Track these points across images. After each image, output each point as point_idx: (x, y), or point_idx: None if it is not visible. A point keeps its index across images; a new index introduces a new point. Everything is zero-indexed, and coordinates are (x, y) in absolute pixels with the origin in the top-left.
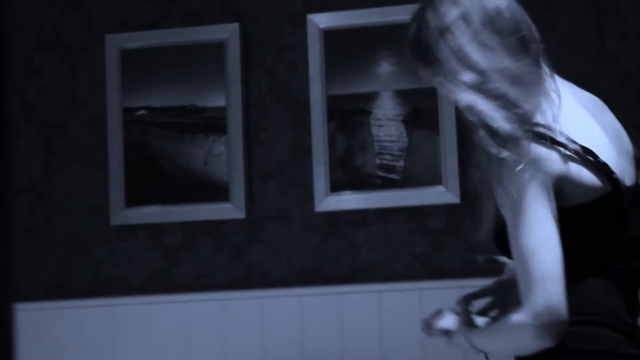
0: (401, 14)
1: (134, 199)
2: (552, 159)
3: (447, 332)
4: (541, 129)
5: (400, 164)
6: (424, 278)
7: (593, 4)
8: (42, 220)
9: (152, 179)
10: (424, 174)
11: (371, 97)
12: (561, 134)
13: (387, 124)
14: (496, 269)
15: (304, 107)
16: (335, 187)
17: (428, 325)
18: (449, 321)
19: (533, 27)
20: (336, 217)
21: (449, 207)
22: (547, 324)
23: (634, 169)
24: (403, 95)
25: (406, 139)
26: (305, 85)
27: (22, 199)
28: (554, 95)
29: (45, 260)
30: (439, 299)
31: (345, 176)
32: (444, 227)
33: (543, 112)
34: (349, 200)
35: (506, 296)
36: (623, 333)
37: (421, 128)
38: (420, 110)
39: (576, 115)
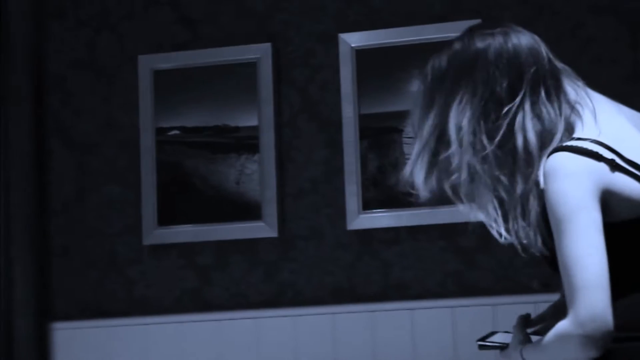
0: (431, 33)
1: (166, 218)
2: (600, 171)
3: (501, 347)
4: (587, 143)
5: None
6: (457, 295)
7: (626, 22)
8: (76, 241)
9: (185, 199)
10: None
11: (403, 115)
12: (608, 147)
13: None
14: (529, 287)
15: (336, 126)
16: (367, 205)
17: (483, 340)
18: (503, 337)
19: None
20: (368, 235)
21: (481, 224)
22: (591, 333)
23: None
24: None
25: None
26: (337, 104)
27: (57, 219)
28: (584, 109)
29: (79, 280)
30: (472, 317)
31: (377, 194)
32: (476, 245)
33: (586, 127)
34: (381, 219)
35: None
36: None
37: None
38: None
39: (623, 130)
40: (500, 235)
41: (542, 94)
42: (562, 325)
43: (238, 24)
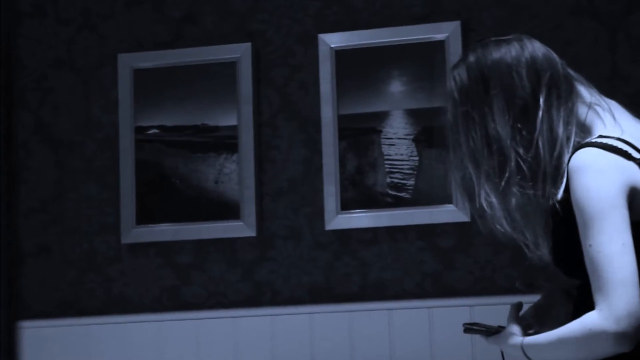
0: (411, 34)
1: (145, 217)
2: (629, 169)
3: (486, 332)
4: (614, 141)
5: (411, 182)
6: (434, 296)
7: (605, 24)
8: (54, 239)
9: (164, 198)
10: (434, 193)
11: (382, 116)
12: (633, 146)
13: (397, 142)
14: (508, 288)
15: (315, 126)
16: (346, 205)
17: (471, 324)
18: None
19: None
20: (347, 236)
21: (459, 225)
22: (628, 328)
23: None
24: (414, 115)
25: (417, 158)
26: (317, 104)
27: (35, 217)
28: (601, 109)
29: (57, 278)
30: (449, 317)
31: (355, 195)
32: (454, 246)
33: (608, 125)
34: (360, 219)
35: (542, 321)
36: None
37: (432, 147)
38: (431, 129)
39: (637, 129)
40: (528, 247)
41: (558, 97)
42: (592, 320)
43: (218, 24)
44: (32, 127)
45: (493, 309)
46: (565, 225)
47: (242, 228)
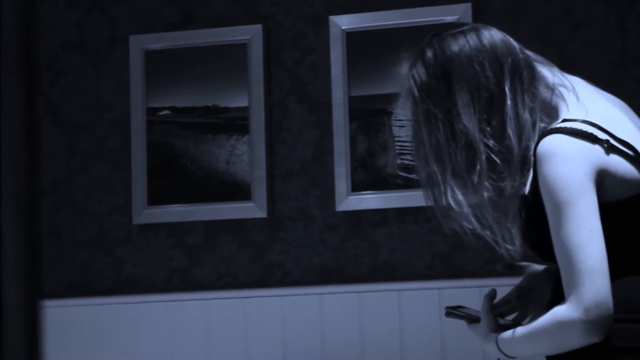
0: (422, 16)
1: (156, 198)
2: (595, 153)
3: (468, 319)
4: (579, 124)
5: None
6: (444, 277)
7: (615, 7)
8: (66, 220)
9: (175, 179)
10: None
11: (392, 97)
12: (599, 127)
13: (408, 124)
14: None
15: (326, 108)
16: (356, 187)
17: (453, 308)
18: (473, 311)
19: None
20: (357, 217)
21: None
22: (597, 319)
23: None
24: None
25: None
26: (327, 86)
27: (46, 199)
28: (565, 90)
29: (68, 259)
30: (459, 298)
31: (366, 176)
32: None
33: (571, 107)
34: (370, 200)
35: (525, 302)
36: None
37: None
38: None
39: (607, 109)
40: (497, 243)
41: (522, 83)
42: (561, 312)
43: (229, 6)
44: (43, 109)
45: (502, 289)
46: (536, 212)
47: (252, 209)
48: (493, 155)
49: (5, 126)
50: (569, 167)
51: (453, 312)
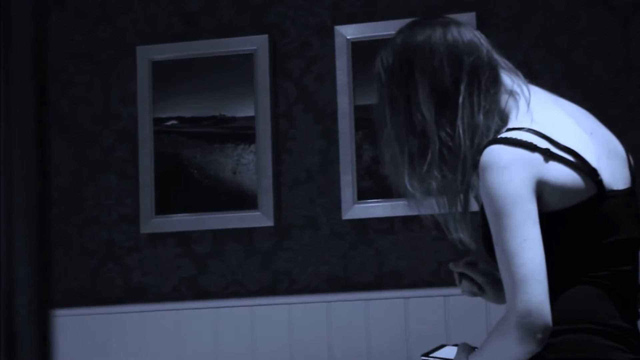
0: None
1: (163, 207)
2: (534, 162)
3: None
4: (521, 133)
5: None
6: (450, 284)
7: (618, 16)
8: (74, 229)
9: (182, 188)
10: None
11: None
12: (541, 134)
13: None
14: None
15: (332, 117)
16: (362, 195)
17: (428, 355)
18: (448, 352)
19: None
20: (363, 225)
21: (473, 215)
22: (529, 327)
23: (629, 173)
24: None
25: None
26: (333, 95)
27: (55, 208)
28: (520, 97)
29: (76, 268)
30: (465, 305)
31: (372, 185)
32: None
33: (520, 115)
34: (376, 209)
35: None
36: (615, 339)
37: None
38: None
39: (558, 119)
40: (448, 230)
41: (479, 84)
42: (501, 321)
43: (235, 16)
44: (51, 119)
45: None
46: (486, 220)
47: (259, 218)
48: (443, 148)
49: (15, 136)
50: (505, 177)
51: (429, 359)
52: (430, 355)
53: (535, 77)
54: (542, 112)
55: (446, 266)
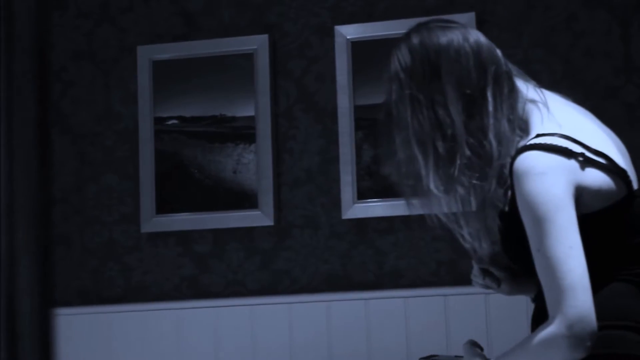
0: None
1: (164, 207)
2: (571, 167)
3: None
4: (554, 138)
5: None
6: (450, 284)
7: (618, 15)
8: (75, 229)
9: (183, 188)
10: None
11: None
12: (573, 139)
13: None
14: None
15: (332, 116)
16: (362, 195)
17: (428, 358)
18: (446, 358)
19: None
20: (363, 225)
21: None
22: (580, 334)
23: (636, 171)
24: None
25: None
26: (333, 95)
27: (56, 208)
28: (538, 103)
29: (77, 267)
30: (464, 305)
31: (371, 184)
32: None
33: (545, 121)
34: (376, 208)
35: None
36: None
37: None
38: None
39: (580, 122)
40: (464, 238)
41: (502, 92)
42: (546, 330)
43: (235, 16)
44: (52, 119)
45: (507, 297)
46: (515, 229)
47: (260, 217)
48: (472, 154)
49: (17, 135)
50: (545, 183)
51: None
52: (430, 357)
53: (534, 77)
54: (564, 116)
55: (446, 266)
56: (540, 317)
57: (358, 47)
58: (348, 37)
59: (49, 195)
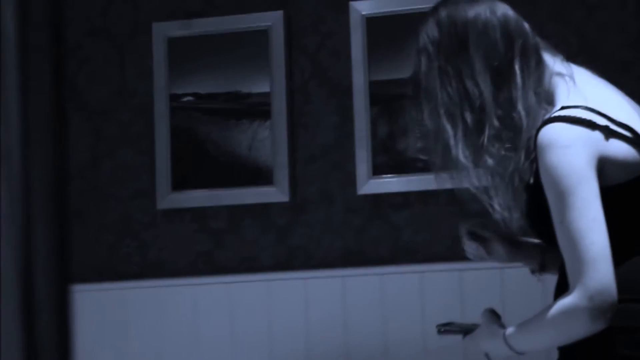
0: None
1: (180, 183)
2: (595, 139)
3: (463, 332)
4: (579, 110)
5: None
6: (465, 259)
7: None
8: (91, 205)
9: (198, 164)
10: None
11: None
12: (598, 112)
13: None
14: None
15: (347, 92)
16: (377, 170)
17: (443, 325)
18: (463, 324)
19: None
20: (378, 200)
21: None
22: (601, 305)
23: None
24: None
25: None
26: (348, 71)
27: (72, 184)
28: (565, 76)
29: (93, 243)
30: (480, 280)
31: (387, 160)
32: (484, 209)
33: (571, 93)
34: (391, 184)
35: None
36: None
37: None
38: None
39: (605, 95)
40: (493, 208)
41: (529, 65)
42: (566, 301)
43: None
44: (67, 95)
45: (522, 271)
46: (540, 201)
47: (275, 193)
48: (501, 125)
49: (32, 113)
50: (568, 156)
51: (446, 329)
52: (446, 324)
53: None
54: (590, 89)
55: (461, 241)
56: (562, 289)
57: (373, 23)
58: (363, 13)
59: (65, 172)
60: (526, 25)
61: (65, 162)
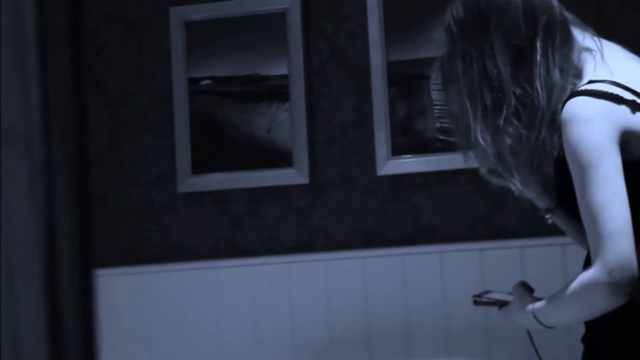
0: None
1: (200, 166)
2: (620, 113)
3: (498, 304)
4: (605, 85)
5: None
6: (485, 239)
7: None
8: (112, 190)
9: (217, 147)
10: None
11: (430, 62)
12: (625, 87)
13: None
14: (557, 228)
15: (365, 73)
16: (397, 151)
17: (479, 296)
18: (499, 296)
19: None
20: (398, 181)
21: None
22: (620, 280)
23: None
24: None
25: None
26: (366, 52)
27: (92, 169)
28: (594, 51)
29: (114, 228)
30: (500, 259)
31: (406, 140)
32: (504, 189)
33: (597, 68)
34: (410, 164)
35: None
36: None
37: None
38: None
39: (634, 70)
40: (516, 187)
41: (554, 42)
42: (587, 275)
43: None
44: (86, 81)
45: (543, 250)
46: (566, 173)
47: (294, 175)
48: (519, 104)
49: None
50: (590, 130)
51: (481, 300)
52: (483, 296)
53: None
54: (618, 64)
55: (481, 220)
56: (588, 262)
57: (390, 4)
58: None
59: (86, 157)
60: (554, 1)
61: (86, 148)
